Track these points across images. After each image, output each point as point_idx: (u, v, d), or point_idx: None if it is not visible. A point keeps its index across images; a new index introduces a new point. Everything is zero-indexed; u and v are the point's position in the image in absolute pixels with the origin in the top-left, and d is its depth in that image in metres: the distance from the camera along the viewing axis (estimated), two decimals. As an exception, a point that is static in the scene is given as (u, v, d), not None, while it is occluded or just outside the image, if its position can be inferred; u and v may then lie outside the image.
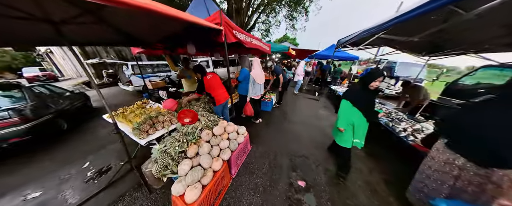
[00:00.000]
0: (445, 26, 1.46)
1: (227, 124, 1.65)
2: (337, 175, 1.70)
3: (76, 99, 3.68)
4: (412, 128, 2.18)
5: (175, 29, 1.61)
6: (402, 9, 1.69)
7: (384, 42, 3.21)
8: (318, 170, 1.82)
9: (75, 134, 2.83)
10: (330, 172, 1.78)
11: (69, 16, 1.11)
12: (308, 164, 1.92)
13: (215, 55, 3.60)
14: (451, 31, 2.01)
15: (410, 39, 2.32)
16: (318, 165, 1.90)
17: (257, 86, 2.50)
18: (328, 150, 2.22)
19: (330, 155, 2.11)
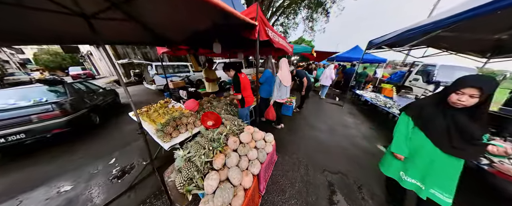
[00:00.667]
0: None
1: (253, 130, 1.47)
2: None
3: (108, 95, 4.00)
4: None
5: (205, 25, 1.52)
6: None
7: (428, 42, 2.72)
8: (362, 193, 1.50)
9: (105, 128, 3.01)
10: (379, 199, 1.44)
11: (99, 10, 1.09)
12: (348, 183, 1.62)
13: (238, 56, 3.52)
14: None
15: (489, 37, 1.85)
16: (360, 186, 1.58)
17: (283, 89, 2.30)
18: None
19: (372, 173, 1.76)
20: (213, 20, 1.38)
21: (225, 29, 1.70)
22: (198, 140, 1.20)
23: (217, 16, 1.26)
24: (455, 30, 1.81)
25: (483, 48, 2.60)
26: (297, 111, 3.87)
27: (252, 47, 3.49)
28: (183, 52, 3.28)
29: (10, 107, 2.09)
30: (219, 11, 1.03)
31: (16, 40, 1.21)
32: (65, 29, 1.25)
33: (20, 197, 1.48)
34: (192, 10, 1.25)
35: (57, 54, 19.35)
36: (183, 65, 7.02)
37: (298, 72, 3.34)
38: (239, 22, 1.26)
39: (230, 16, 1.14)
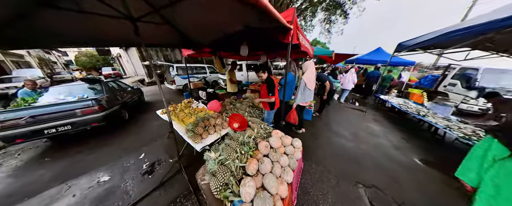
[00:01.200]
0: None
1: (281, 134, 1.41)
2: None
3: (135, 94, 4.34)
4: None
5: (239, 27, 1.53)
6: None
7: (473, 43, 2.36)
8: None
9: (133, 124, 3.24)
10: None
11: (144, 13, 1.19)
12: (386, 200, 1.44)
13: (261, 59, 3.54)
14: None
15: None
16: (401, 204, 1.40)
17: (307, 92, 2.20)
18: None
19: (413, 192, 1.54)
20: (251, 23, 1.37)
21: (258, 32, 1.71)
22: (229, 143, 1.18)
23: (259, 19, 1.24)
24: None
25: None
26: (317, 116, 3.69)
27: (275, 50, 3.47)
28: (207, 55, 3.41)
29: (61, 102, 2.39)
30: (268, 15, 1.03)
31: (71, 43, 1.35)
32: (115, 33, 1.38)
33: (69, 183, 1.65)
34: (236, 14, 1.26)
35: (93, 56, 22.01)
36: (201, 67, 7.35)
37: (319, 75, 3.19)
38: (278, 26, 1.25)
39: (273, 20, 1.13)
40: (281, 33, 1.41)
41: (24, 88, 2.61)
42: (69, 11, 0.98)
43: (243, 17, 1.32)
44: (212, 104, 2.05)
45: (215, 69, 7.94)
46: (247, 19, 1.34)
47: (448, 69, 5.68)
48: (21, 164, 2.08)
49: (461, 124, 2.58)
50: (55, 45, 1.26)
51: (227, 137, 1.33)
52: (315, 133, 2.78)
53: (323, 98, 3.42)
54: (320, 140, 2.55)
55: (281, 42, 1.54)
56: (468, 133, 2.22)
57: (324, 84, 3.14)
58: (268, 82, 1.79)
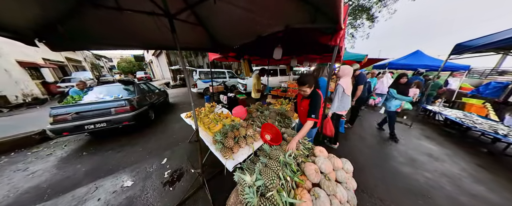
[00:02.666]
0: None
1: (330, 155, 1.11)
2: None
3: (161, 95, 4.60)
4: None
5: (277, 27, 1.35)
6: None
7: None
8: None
9: (158, 125, 3.33)
10: None
11: (179, 10, 1.12)
12: None
13: (291, 63, 3.36)
14: None
15: None
16: None
17: (346, 99, 1.86)
18: None
19: None
20: (298, 23, 1.18)
21: (298, 33, 1.54)
22: (267, 163, 0.94)
23: (310, 18, 1.05)
24: None
25: None
26: (349, 127, 3.19)
27: (303, 53, 3.15)
28: (232, 59, 3.41)
29: (100, 101, 2.61)
30: (332, 12, 0.87)
31: (117, 45, 1.37)
32: (152, 35, 1.38)
33: (97, 183, 1.66)
34: (285, 12, 1.10)
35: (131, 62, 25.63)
36: (220, 71, 7.58)
37: (358, 76, 2.70)
38: (329, 26, 1.05)
39: (333, 20, 0.96)
40: (327, 34, 1.21)
41: (74, 88, 2.96)
42: (108, 9, 0.95)
43: (291, 16, 1.12)
44: (238, 109, 1.88)
45: (234, 74, 8.08)
46: (296, 19, 1.13)
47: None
48: (65, 155, 2.27)
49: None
50: (93, 46, 1.30)
51: (261, 153, 1.10)
52: (353, 150, 2.33)
53: (351, 104, 2.93)
54: (362, 160, 2.09)
55: (311, 45, 1.33)
56: None
57: (357, 88, 2.67)
58: (314, 98, 1.31)
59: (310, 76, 1.36)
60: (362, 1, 7.31)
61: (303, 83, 1.28)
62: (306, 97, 1.40)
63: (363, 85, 2.74)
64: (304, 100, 1.45)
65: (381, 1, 7.11)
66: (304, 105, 1.45)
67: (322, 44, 1.36)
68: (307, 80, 1.28)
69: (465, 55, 2.95)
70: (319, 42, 1.45)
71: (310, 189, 0.82)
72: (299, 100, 1.59)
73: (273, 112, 1.87)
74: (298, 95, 1.64)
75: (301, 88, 1.30)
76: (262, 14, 1.17)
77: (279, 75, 6.81)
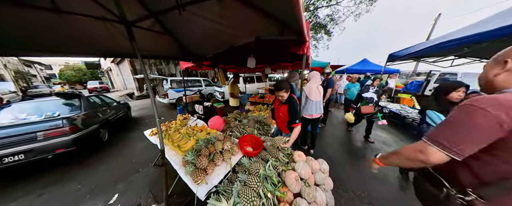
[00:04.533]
0: None
1: (307, 157, 1.12)
2: None
3: (120, 109, 3.86)
4: None
5: (249, 39, 1.41)
6: None
7: (454, 51, 2.55)
8: None
9: (113, 147, 2.70)
10: None
11: (139, 17, 1.04)
12: None
13: (265, 70, 3.47)
14: None
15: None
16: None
17: (309, 104, 2.00)
18: None
19: None
20: (267, 35, 1.28)
21: (268, 44, 1.63)
22: (247, 180, 0.85)
23: (279, 31, 1.15)
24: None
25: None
26: (323, 126, 3.54)
27: (275, 62, 3.36)
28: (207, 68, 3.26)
29: (18, 123, 1.88)
30: (295, 27, 0.97)
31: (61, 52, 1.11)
32: (107, 42, 1.19)
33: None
34: (254, 26, 1.17)
35: (80, 70, 21.04)
36: (195, 79, 7.16)
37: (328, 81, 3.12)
38: (296, 39, 1.20)
39: (298, 33, 1.09)
40: (295, 45, 1.35)
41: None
42: (39, 10, 0.75)
43: (261, 29, 1.21)
44: (214, 120, 1.74)
45: (211, 82, 7.78)
46: (266, 32, 1.23)
47: (429, 75, 6.44)
48: None
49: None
50: (27, 53, 1.02)
51: (240, 168, 1.01)
52: (327, 147, 2.54)
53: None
54: (335, 156, 2.29)
55: (283, 54, 1.48)
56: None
57: (327, 90, 3.01)
58: (291, 103, 1.37)
59: (286, 82, 1.43)
60: (319, 20, 9.16)
61: (280, 89, 1.34)
62: (284, 103, 1.46)
63: (332, 88, 3.12)
64: (282, 106, 1.51)
65: (333, 21, 9.03)
66: (283, 110, 1.50)
67: (292, 53, 1.47)
68: (283, 86, 1.35)
69: (397, 62, 3.84)
70: (288, 51, 1.57)
71: (292, 201, 0.78)
72: (276, 106, 1.64)
73: (251, 119, 1.83)
74: (276, 101, 1.68)
75: (279, 93, 1.36)
76: (234, 27, 1.22)
77: (256, 82, 6.99)
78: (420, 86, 6.53)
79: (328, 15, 9.00)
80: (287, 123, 1.50)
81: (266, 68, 3.30)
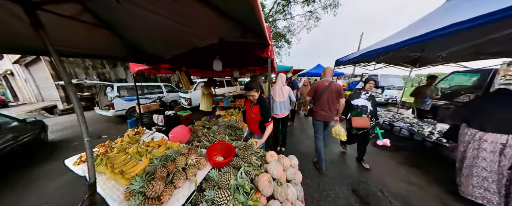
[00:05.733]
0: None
1: (278, 156, 1.14)
2: None
3: (25, 131, 2.68)
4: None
5: (211, 40, 1.33)
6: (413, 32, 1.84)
7: (374, 58, 3.55)
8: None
9: (7, 190, 1.77)
10: None
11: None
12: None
13: (234, 74, 3.37)
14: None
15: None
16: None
17: (275, 104, 2.15)
18: None
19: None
20: (230, 37, 1.25)
21: (233, 46, 1.62)
22: (215, 198, 0.73)
23: (241, 33, 1.15)
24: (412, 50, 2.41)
25: (411, 61, 3.54)
26: (291, 124, 3.89)
27: (244, 66, 3.42)
28: (166, 71, 2.84)
29: None
30: (256, 30, 1.00)
31: None
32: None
33: None
34: (214, 26, 1.09)
35: None
36: (154, 85, 6.11)
37: (292, 83, 3.42)
38: (259, 42, 1.23)
39: (260, 36, 1.11)
40: (259, 48, 1.40)
41: None
42: None
43: (224, 30, 1.16)
44: (176, 131, 1.49)
45: (174, 88, 6.88)
46: (228, 33, 1.19)
47: (362, 76, 8.72)
48: None
49: (381, 111, 4.01)
50: None
51: (207, 184, 0.89)
52: (297, 143, 2.78)
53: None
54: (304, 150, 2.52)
55: (251, 58, 1.53)
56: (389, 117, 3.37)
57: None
58: (262, 103, 1.41)
59: (256, 82, 1.45)
60: (279, 30, 10.67)
61: (251, 89, 1.36)
62: (255, 104, 1.48)
63: (297, 90, 3.48)
64: (254, 106, 1.52)
65: (290, 32, 10.72)
66: (255, 111, 1.51)
67: (259, 56, 1.51)
68: (254, 86, 1.37)
69: (341, 66, 4.80)
70: (254, 54, 1.61)
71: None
72: (248, 107, 1.62)
73: (222, 125, 1.71)
74: (247, 103, 1.67)
75: (250, 93, 1.38)
76: (192, 26, 1.11)
77: (226, 86, 6.81)
78: (357, 84, 8.78)
79: (286, 27, 10.56)
80: (260, 123, 1.52)
81: (234, 71, 3.26)
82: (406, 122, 3.10)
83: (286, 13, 9.62)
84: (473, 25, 1.06)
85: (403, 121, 3.19)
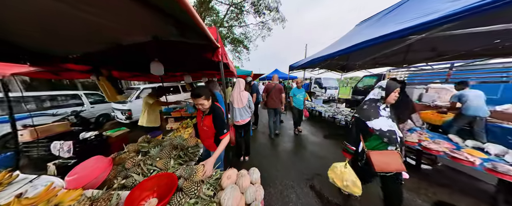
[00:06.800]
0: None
1: (238, 173, 0.99)
2: None
3: None
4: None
5: (140, 37, 1.00)
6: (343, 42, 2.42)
7: (317, 65, 4.39)
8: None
9: None
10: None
11: None
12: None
13: (185, 79, 2.83)
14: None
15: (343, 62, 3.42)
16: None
17: (233, 111, 2.07)
18: None
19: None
20: (165, 35, 1.02)
21: (181, 48, 1.36)
22: None
23: (178, 31, 0.95)
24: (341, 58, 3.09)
25: (341, 68, 4.62)
26: (255, 128, 3.95)
27: (198, 70, 3.08)
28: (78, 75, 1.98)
29: None
30: (193, 28, 0.83)
31: None
32: None
33: None
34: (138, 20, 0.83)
35: None
36: (64, 95, 4.18)
37: (252, 87, 3.43)
38: (204, 43, 1.07)
39: (200, 35, 0.96)
40: (208, 51, 1.23)
41: None
42: None
43: (156, 27, 0.92)
44: (83, 168, 0.98)
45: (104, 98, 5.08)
46: (163, 31, 0.96)
47: (310, 79, 10.66)
48: None
49: (326, 107, 5.04)
50: None
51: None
52: (261, 147, 2.82)
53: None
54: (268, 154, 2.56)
55: (207, 62, 1.38)
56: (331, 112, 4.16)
57: (252, 95, 3.37)
58: (216, 112, 1.21)
59: (205, 88, 1.23)
60: (236, 36, 11.19)
61: (198, 96, 1.11)
62: (207, 114, 1.25)
63: (257, 93, 3.50)
64: (206, 117, 1.27)
65: (247, 38, 11.46)
66: (207, 122, 1.26)
67: (214, 60, 1.31)
68: (202, 92, 1.13)
69: (294, 71, 5.46)
70: (203, 57, 1.41)
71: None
72: (199, 119, 1.36)
73: (167, 146, 1.33)
74: (198, 114, 1.41)
75: (198, 101, 1.13)
76: (111, 19, 0.79)
77: (182, 92, 5.87)
78: (308, 86, 10.69)
79: (243, 34, 11.20)
80: (215, 136, 1.29)
81: (186, 76, 2.81)
82: (342, 114, 3.94)
83: (241, 21, 10.29)
84: (363, 46, 1.56)
85: (340, 114, 4.04)
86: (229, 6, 9.48)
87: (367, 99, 1.21)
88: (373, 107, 1.14)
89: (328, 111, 4.50)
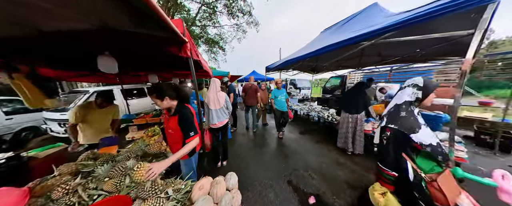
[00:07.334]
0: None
1: (213, 181, 0.88)
2: None
3: None
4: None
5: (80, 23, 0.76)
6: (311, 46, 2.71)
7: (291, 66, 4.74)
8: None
9: None
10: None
11: None
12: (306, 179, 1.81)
13: (150, 78, 2.41)
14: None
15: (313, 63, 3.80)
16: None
17: (210, 112, 1.93)
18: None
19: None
20: (117, 24, 0.82)
21: (142, 41, 1.13)
22: None
23: (136, 20, 0.78)
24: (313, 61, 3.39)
25: (311, 69, 5.12)
26: (235, 130, 3.82)
27: (167, 69, 2.76)
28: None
29: None
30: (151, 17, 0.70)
31: None
32: None
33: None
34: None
35: None
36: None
37: (229, 87, 3.35)
38: (167, 36, 0.92)
39: (162, 26, 0.80)
40: (174, 45, 1.08)
41: None
42: None
43: (103, 12, 0.73)
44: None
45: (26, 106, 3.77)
46: (113, 17, 0.78)
47: (286, 80, 11.31)
48: None
49: (301, 105, 5.42)
50: None
51: None
52: (241, 147, 2.77)
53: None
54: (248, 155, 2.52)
55: (178, 60, 1.22)
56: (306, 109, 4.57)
57: (229, 95, 3.26)
58: (181, 113, 1.08)
59: (167, 85, 1.10)
60: (211, 36, 10.85)
61: (152, 93, 1.02)
62: (172, 115, 1.11)
63: (234, 93, 3.38)
64: (171, 119, 1.12)
65: (222, 39, 11.18)
66: (172, 125, 1.11)
67: (182, 58, 1.15)
68: (157, 89, 1.02)
69: (270, 72, 5.66)
70: (171, 53, 1.23)
71: None
72: (165, 122, 1.19)
73: (122, 160, 1.08)
74: (165, 115, 1.23)
75: (161, 101, 1.03)
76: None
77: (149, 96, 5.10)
78: (285, 86, 11.56)
79: (217, 34, 10.89)
80: (183, 141, 1.11)
81: (150, 75, 2.44)
82: (315, 111, 4.34)
83: (214, 21, 10.01)
84: (328, 49, 1.80)
85: (314, 111, 4.44)
86: (201, 5, 9.09)
87: (402, 102, 0.87)
88: (411, 112, 0.84)
89: (303, 109, 4.86)
